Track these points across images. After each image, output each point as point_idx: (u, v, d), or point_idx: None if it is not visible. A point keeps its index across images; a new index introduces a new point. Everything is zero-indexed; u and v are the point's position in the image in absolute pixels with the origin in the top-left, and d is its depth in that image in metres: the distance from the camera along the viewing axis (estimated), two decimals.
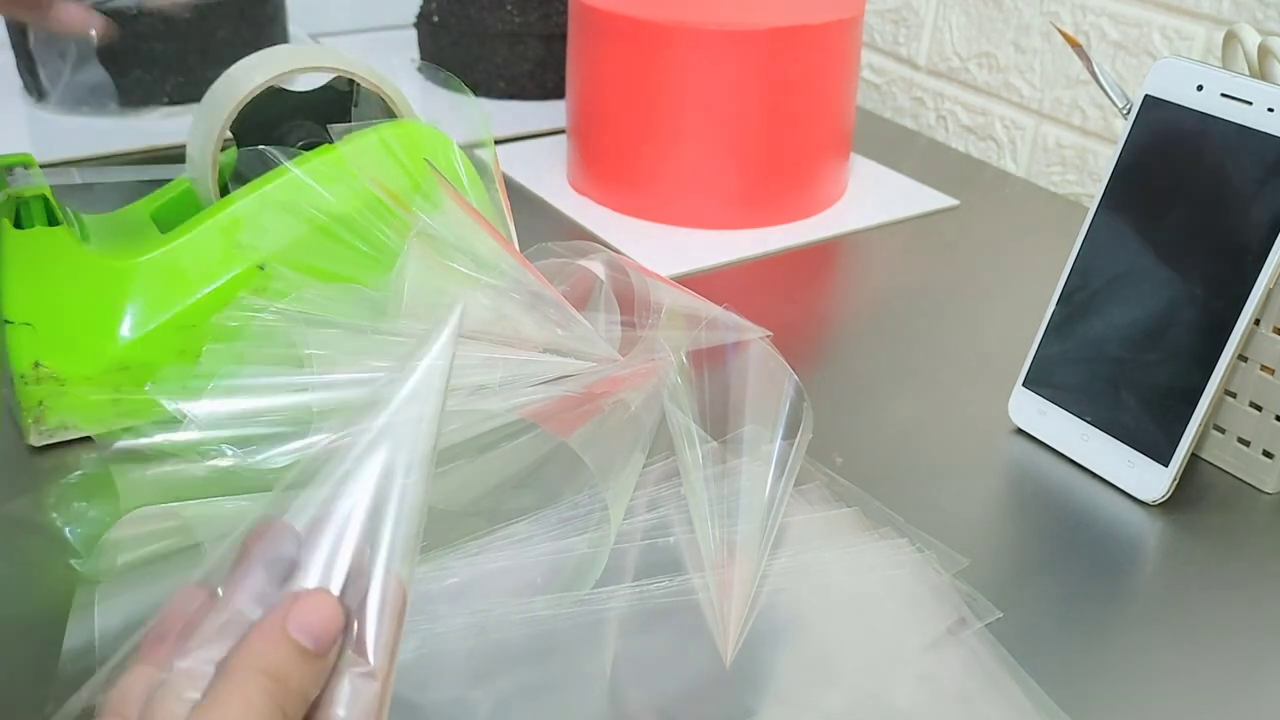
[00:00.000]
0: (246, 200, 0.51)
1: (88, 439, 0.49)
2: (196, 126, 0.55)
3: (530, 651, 0.39)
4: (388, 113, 0.58)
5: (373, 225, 0.52)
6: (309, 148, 0.56)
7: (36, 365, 0.47)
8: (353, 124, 0.54)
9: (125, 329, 0.49)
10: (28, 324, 0.47)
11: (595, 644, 0.40)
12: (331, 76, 0.58)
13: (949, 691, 0.39)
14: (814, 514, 0.47)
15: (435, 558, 0.42)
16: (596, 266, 0.53)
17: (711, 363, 0.49)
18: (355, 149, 0.53)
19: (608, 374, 0.47)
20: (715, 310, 0.51)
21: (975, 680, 0.39)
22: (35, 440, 0.48)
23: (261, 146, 0.55)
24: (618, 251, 0.71)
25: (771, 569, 0.43)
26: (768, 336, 0.51)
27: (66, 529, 0.45)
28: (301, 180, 0.51)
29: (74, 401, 0.48)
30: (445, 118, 0.58)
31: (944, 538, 0.46)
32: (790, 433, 0.47)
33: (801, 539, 0.45)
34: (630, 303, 0.51)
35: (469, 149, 0.56)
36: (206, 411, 0.42)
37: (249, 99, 0.54)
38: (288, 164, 0.52)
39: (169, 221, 0.55)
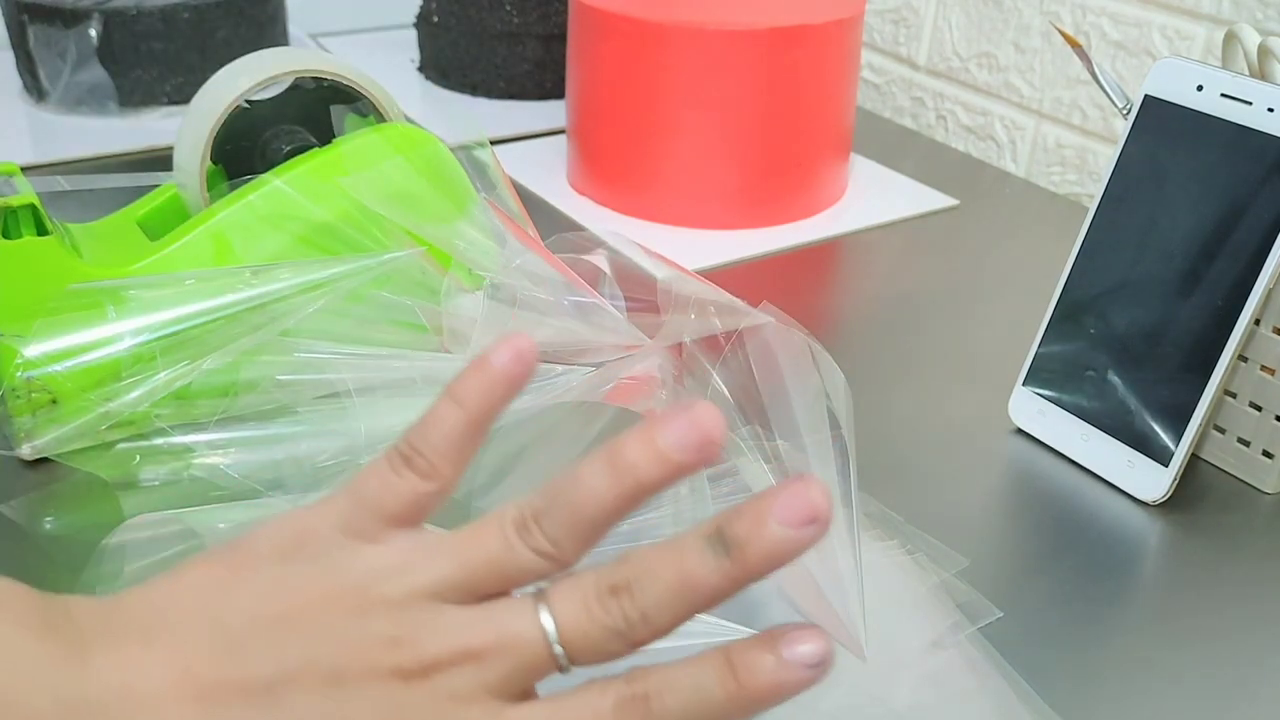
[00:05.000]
0: (236, 207, 0.51)
1: (78, 451, 0.48)
2: (184, 133, 0.55)
3: None
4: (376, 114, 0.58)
5: (364, 230, 0.52)
6: (296, 153, 0.55)
7: (27, 378, 0.47)
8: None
9: (116, 340, 0.48)
10: (19, 336, 0.47)
11: None
12: (293, 79, 0.58)
13: (949, 692, 0.39)
14: None
15: None
16: (606, 256, 0.53)
17: (738, 350, 0.49)
18: (345, 153, 0.53)
19: (615, 381, 0.47)
20: (724, 296, 0.50)
21: (974, 681, 0.39)
22: (27, 454, 0.48)
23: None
24: (616, 252, 0.71)
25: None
26: (768, 321, 0.50)
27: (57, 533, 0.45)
28: (292, 185, 0.51)
29: (66, 414, 0.47)
30: (443, 119, 0.58)
31: (944, 538, 0.46)
32: (836, 423, 0.46)
33: None
34: (646, 287, 0.51)
35: (466, 151, 0.56)
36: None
37: (237, 103, 0.54)
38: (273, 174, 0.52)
39: (156, 229, 0.55)
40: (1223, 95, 0.48)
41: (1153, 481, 0.50)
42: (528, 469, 0.44)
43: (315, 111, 0.60)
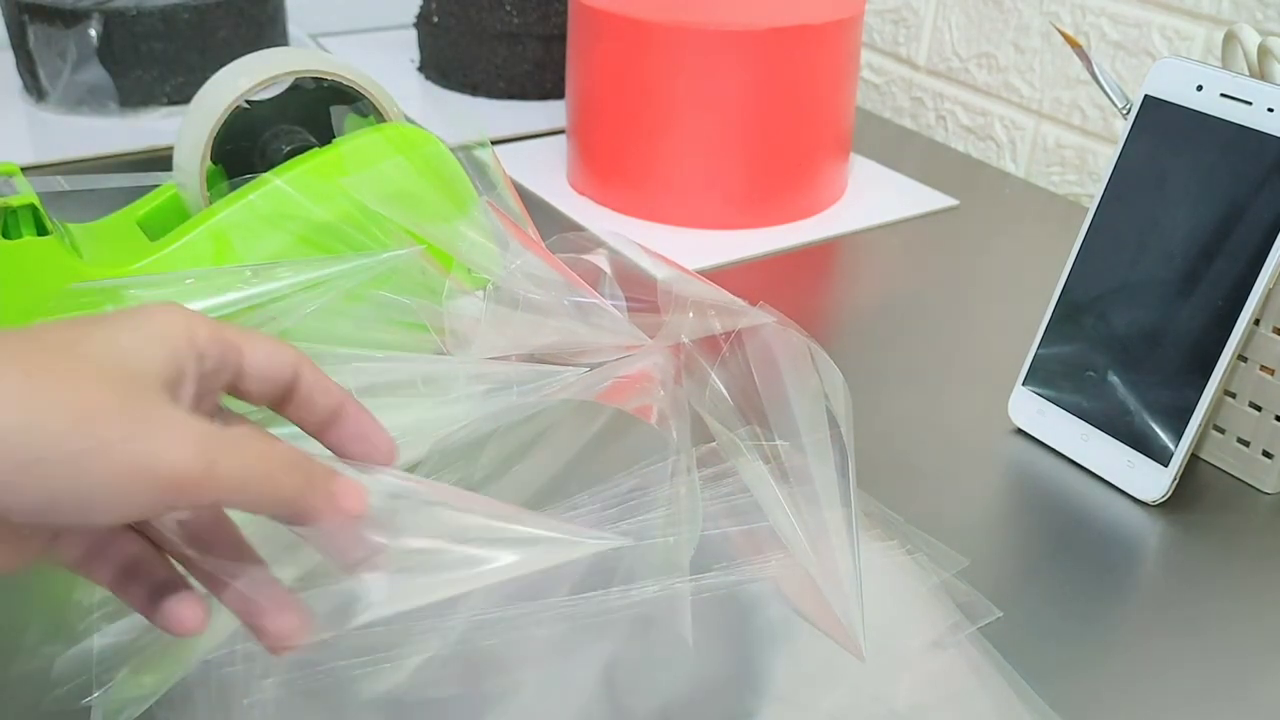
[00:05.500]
0: (236, 207, 0.51)
1: None
2: (184, 133, 0.55)
3: (530, 655, 0.39)
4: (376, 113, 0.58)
5: (364, 230, 0.52)
6: (296, 153, 0.55)
7: None
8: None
9: None
10: None
11: (595, 645, 0.40)
12: (293, 79, 0.58)
13: (948, 692, 0.39)
14: (814, 514, 0.46)
15: None
16: (606, 256, 0.52)
17: (737, 350, 0.49)
18: (345, 153, 0.53)
19: (610, 379, 0.46)
20: (724, 296, 0.50)
21: (974, 681, 0.39)
22: None
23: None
24: (617, 252, 0.71)
25: (771, 569, 0.43)
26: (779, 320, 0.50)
27: None
28: (292, 185, 0.51)
29: None
30: (443, 119, 0.58)
31: (944, 538, 0.46)
32: (835, 423, 0.46)
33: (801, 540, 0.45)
34: (646, 287, 0.51)
35: (466, 151, 0.56)
36: None
37: (237, 103, 0.53)
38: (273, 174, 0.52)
39: (156, 229, 0.55)
40: (1223, 95, 0.48)
41: (1153, 481, 0.50)
42: (525, 468, 0.44)
43: (315, 111, 0.60)
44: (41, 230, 0.49)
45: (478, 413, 0.44)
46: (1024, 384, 0.54)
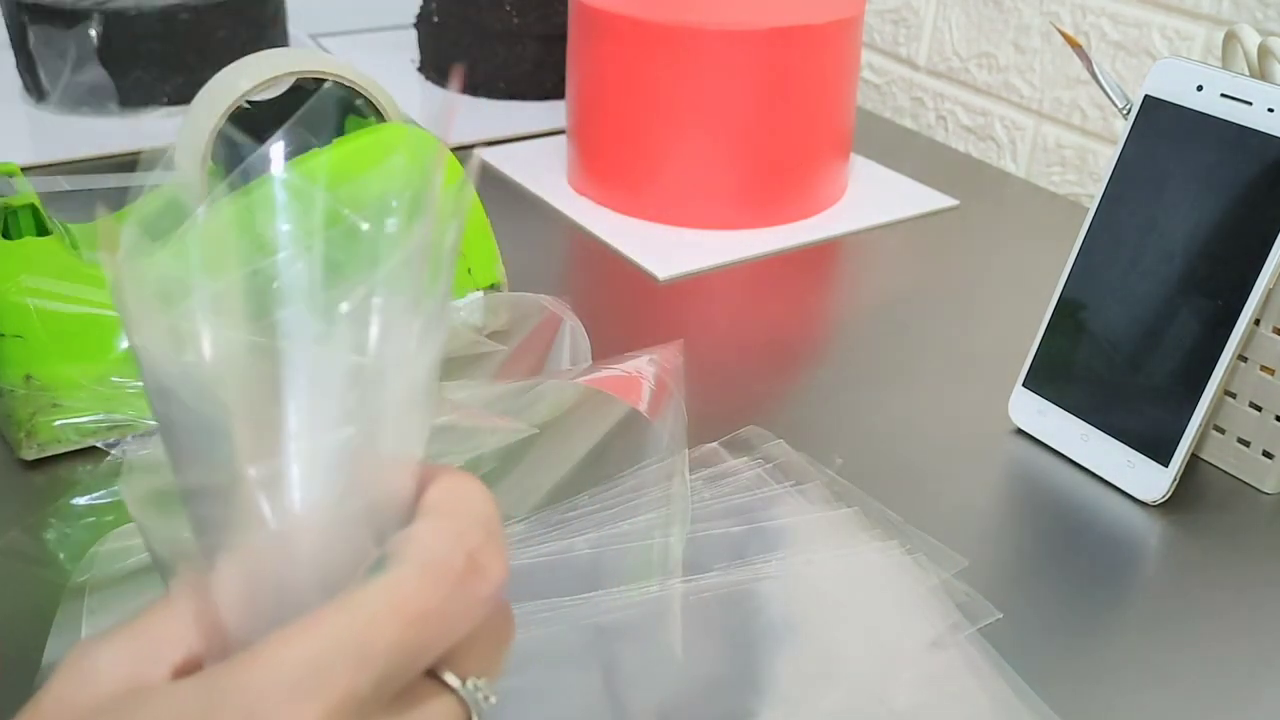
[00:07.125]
0: (237, 207, 0.51)
1: (80, 452, 0.49)
2: (184, 133, 0.55)
3: (529, 654, 0.39)
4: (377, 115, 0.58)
5: (364, 230, 0.52)
6: (296, 153, 0.55)
7: (28, 378, 0.47)
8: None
9: (117, 339, 0.49)
10: (19, 336, 0.47)
11: (595, 645, 0.40)
12: (293, 79, 0.58)
13: (949, 692, 0.39)
14: (814, 514, 0.47)
15: None
16: (565, 311, 0.52)
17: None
18: (345, 154, 0.53)
19: (600, 373, 0.46)
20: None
21: (974, 681, 0.39)
22: (27, 454, 0.48)
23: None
24: (617, 251, 0.71)
25: (771, 569, 0.43)
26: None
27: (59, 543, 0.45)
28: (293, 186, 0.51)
29: (66, 414, 0.48)
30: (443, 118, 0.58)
31: (943, 538, 0.46)
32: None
33: (801, 539, 0.45)
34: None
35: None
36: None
37: (237, 104, 0.53)
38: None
39: (157, 230, 0.55)
40: (1223, 95, 0.48)
41: (1153, 481, 0.50)
42: (526, 467, 0.44)
43: (313, 115, 0.60)
44: (42, 230, 0.49)
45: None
46: (1024, 384, 0.54)
